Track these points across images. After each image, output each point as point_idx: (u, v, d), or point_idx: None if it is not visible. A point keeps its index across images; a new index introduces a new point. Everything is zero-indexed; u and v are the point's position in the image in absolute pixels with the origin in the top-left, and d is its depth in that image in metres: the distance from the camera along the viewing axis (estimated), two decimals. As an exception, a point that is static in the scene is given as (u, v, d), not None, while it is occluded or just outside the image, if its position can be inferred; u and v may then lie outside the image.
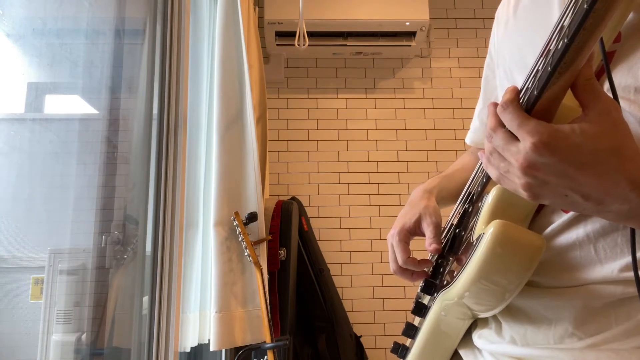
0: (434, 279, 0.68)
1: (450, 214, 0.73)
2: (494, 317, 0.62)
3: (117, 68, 1.39)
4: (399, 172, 2.57)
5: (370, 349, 2.33)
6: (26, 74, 1.14)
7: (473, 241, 0.58)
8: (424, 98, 2.65)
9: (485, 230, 0.53)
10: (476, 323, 0.66)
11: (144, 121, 1.43)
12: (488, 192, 0.59)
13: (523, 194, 0.46)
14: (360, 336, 2.25)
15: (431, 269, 0.71)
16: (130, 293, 1.34)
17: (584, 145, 0.42)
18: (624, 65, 0.51)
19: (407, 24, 2.32)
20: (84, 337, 1.17)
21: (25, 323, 1.10)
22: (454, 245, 0.65)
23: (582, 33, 0.40)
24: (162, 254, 1.37)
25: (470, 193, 0.66)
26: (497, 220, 0.53)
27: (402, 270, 0.71)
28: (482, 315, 0.62)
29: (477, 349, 0.65)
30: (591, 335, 0.52)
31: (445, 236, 0.71)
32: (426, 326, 0.66)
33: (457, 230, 0.66)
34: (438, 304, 0.64)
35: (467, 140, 0.90)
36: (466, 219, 0.64)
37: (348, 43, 2.46)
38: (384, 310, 2.44)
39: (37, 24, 1.14)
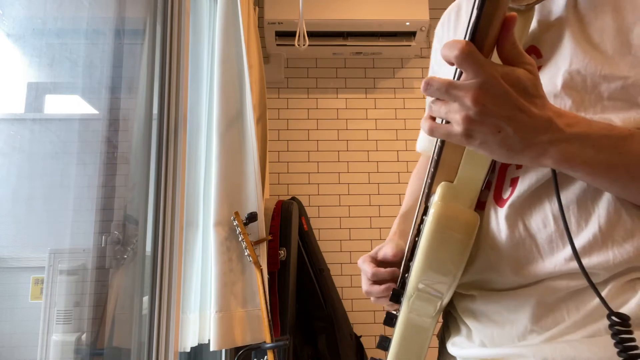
0: (402, 289, 0.70)
1: (411, 230, 0.76)
2: (464, 324, 0.65)
3: (117, 68, 1.39)
4: (399, 172, 2.57)
5: (370, 349, 2.33)
6: (26, 74, 1.14)
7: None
8: (424, 98, 2.64)
9: (427, 215, 0.57)
10: (449, 332, 0.68)
11: (144, 121, 1.43)
12: (434, 193, 0.62)
13: (457, 131, 0.49)
14: (360, 336, 2.25)
15: (399, 281, 0.73)
16: (130, 293, 1.34)
17: (525, 79, 0.48)
18: (546, 75, 0.57)
19: (407, 24, 2.32)
20: (84, 337, 1.17)
21: (25, 323, 1.10)
22: (413, 254, 0.68)
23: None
24: (162, 254, 1.37)
25: (421, 203, 0.70)
26: (434, 203, 0.57)
27: (373, 285, 0.74)
28: (443, 301, 0.63)
29: (452, 356, 0.67)
30: (548, 330, 0.55)
31: (409, 250, 0.74)
32: (397, 330, 0.67)
33: (416, 240, 0.68)
34: (404, 305, 0.65)
35: (418, 148, 0.95)
36: (421, 227, 0.67)
37: (348, 43, 2.46)
38: (383, 311, 2.43)
39: (37, 24, 1.14)
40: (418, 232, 0.68)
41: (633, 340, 0.43)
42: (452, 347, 0.66)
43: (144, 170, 1.41)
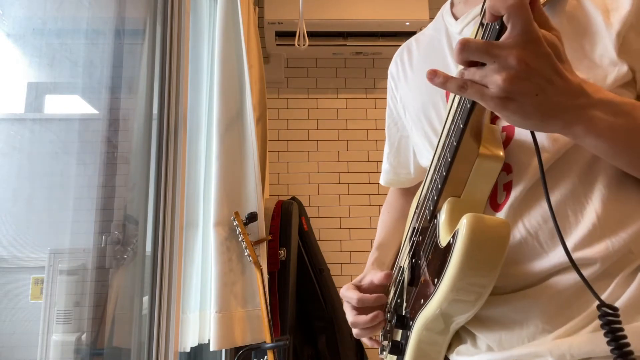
0: (402, 314, 0.69)
1: (398, 258, 0.78)
2: (467, 331, 0.64)
3: (117, 68, 1.39)
4: (399, 172, 2.57)
5: (371, 349, 2.33)
6: (26, 74, 1.14)
7: (442, 246, 0.58)
8: (424, 98, 2.64)
9: (459, 226, 0.53)
10: (450, 346, 0.66)
11: (144, 121, 1.43)
12: (440, 209, 0.61)
13: (494, 93, 0.46)
14: (360, 336, 2.25)
15: (392, 305, 0.73)
16: (130, 293, 1.34)
17: (558, 45, 0.47)
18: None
19: (407, 24, 2.32)
20: (84, 337, 1.17)
21: (25, 323, 1.10)
22: (414, 275, 0.67)
23: None
24: (162, 254, 1.37)
25: (414, 228, 0.70)
26: (467, 214, 0.53)
27: (359, 315, 0.73)
28: (461, 318, 0.61)
29: None
30: (560, 327, 0.55)
31: (397, 278, 0.75)
32: (410, 354, 0.66)
33: (413, 261, 0.69)
34: (418, 326, 0.63)
35: (381, 182, 1.02)
36: (420, 248, 0.67)
37: (348, 43, 2.46)
38: (384, 310, 2.43)
39: (37, 24, 1.14)
40: (414, 254, 0.69)
41: (622, 330, 0.45)
42: (456, 356, 0.65)
43: (144, 170, 1.41)
